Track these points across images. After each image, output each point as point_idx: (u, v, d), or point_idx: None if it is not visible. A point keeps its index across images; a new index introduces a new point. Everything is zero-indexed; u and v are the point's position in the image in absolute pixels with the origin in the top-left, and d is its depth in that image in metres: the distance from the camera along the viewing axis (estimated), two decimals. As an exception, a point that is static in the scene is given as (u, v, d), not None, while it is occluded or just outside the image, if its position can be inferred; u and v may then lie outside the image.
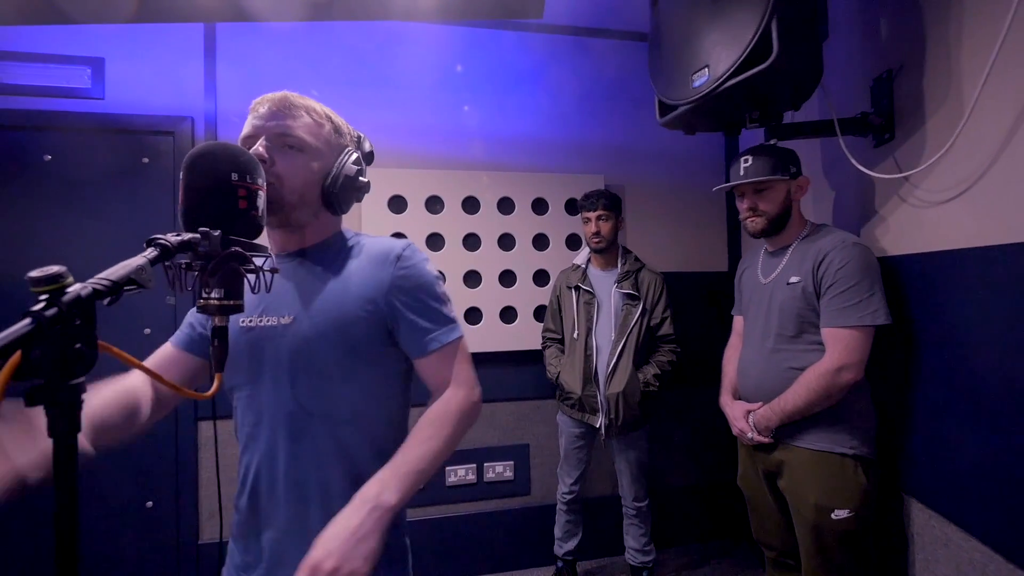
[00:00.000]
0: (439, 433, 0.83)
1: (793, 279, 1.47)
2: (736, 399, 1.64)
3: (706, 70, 1.39)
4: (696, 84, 1.43)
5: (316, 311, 0.84)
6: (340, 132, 0.91)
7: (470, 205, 2.27)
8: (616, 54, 2.41)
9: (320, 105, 0.89)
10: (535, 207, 2.32)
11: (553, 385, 2.09)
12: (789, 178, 1.47)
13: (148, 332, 2.02)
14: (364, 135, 0.98)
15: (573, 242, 2.34)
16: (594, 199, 2.00)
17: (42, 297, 0.45)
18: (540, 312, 2.29)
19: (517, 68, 2.34)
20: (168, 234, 0.60)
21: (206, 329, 0.92)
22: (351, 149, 0.91)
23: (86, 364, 0.46)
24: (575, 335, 2.01)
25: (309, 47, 2.16)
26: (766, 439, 1.49)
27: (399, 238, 0.95)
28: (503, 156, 2.32)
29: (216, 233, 0.63)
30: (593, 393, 1.96)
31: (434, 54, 2.26)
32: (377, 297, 0.85)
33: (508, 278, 2.31)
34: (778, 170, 1.46)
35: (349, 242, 0.92)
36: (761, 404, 1.51)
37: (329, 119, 0.89)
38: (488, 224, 2.28)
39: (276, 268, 0.73)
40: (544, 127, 2.36)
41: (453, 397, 0.87)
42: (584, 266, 2.09)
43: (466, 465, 2.27)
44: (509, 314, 2.30)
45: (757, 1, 1.27)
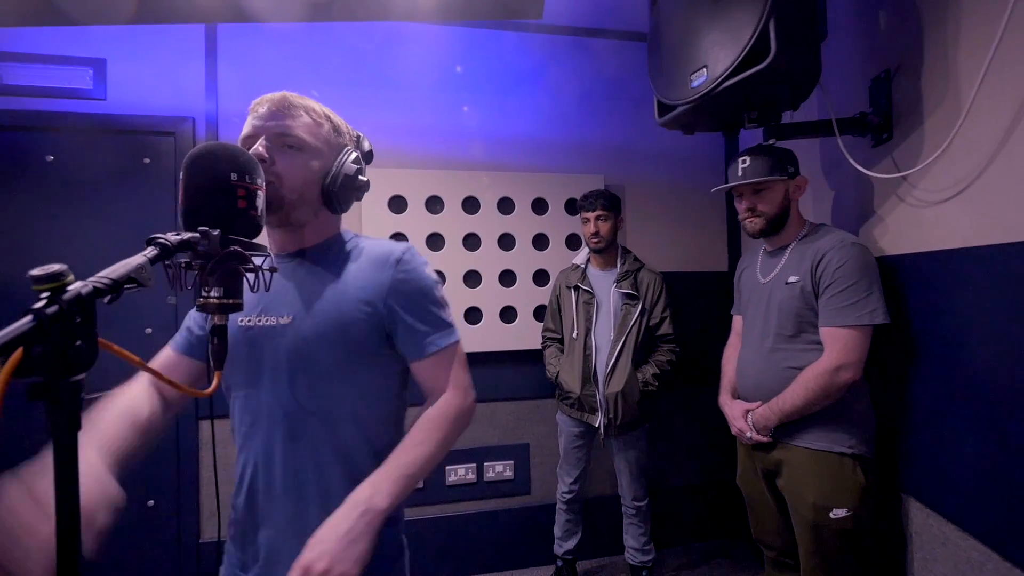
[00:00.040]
0: (431, 437, 0.84)
1: (792, 279, 1.47)
2: (735, 398, 1.65)
3: (704, 70, 1.40)
4: (695, 84, 1.43)
5: (315, 311, 0.85)
6: (339, 131, 0.91)
7: (470, 205, 2.28)
8: (616, 54, 2.41)
9: (319, 105, 0.90)
10: (535, 207, 2.32)
11: (553, 384, 2.10)
12: (787, 178, 1.47)
13: (149, 332, 2.03)
14: (363, 134, 0.98)
15: (573, 242, 2.35)
16: (593, 199, 2.01)
17: (43, 295, 0.45)
18: (540, 312, 2.29)
19: (517, 68, 2.34)
20: (168, 233, 0.60)
21: (205, 331, 0.92)
22: (350, 148, 0.92)
23: (87, 361, 0.47)
24: (574, 335, 2.02)
25: (310, 48, 2.17)
26: (765, 438, 1.49)
27: (398, 239, 0.95)
28: (503, 156, 2.32)
29: (215, 232, 0.63)
30: (592, 392, 1.96)
31: (434, 54, 2.27)
32: (376, 299, 0.86)
33: (508, 278, 2.31)
34: (776, 170, 1.46)
35: (349, 243, 0.93)
36: (760, 403, 1.51)
37: (328, 118, 0.90)
38: (488, 224, 2.28)
39: (275, 267, 0.74)
40: (544, 127, 2.36)
41: (448, 401, 0.88)
42: (583, 266, 2.10)
43: (466, 464, 2.28)
44: (509, 314, 2.31)
45: (755, 2, 1.28)
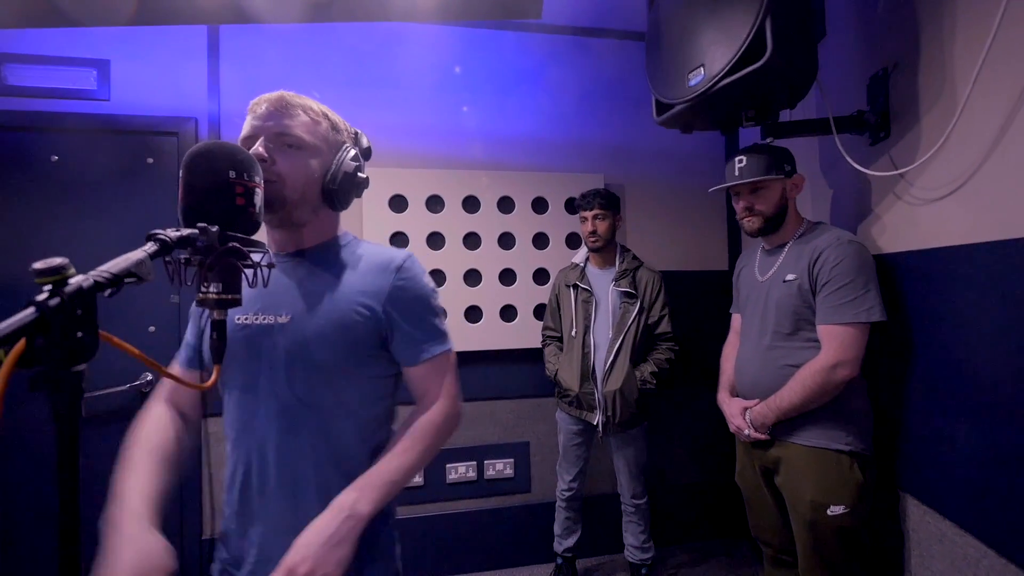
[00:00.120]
0: (418, 446, 0.88)
1: (789, 277, 1.48)
2: (733, 396, 1.65)
3: (701, 69, 1.41)
4: (692, 83, 1.44)
5: (314, 311, 0.86)
6: (337, 129, 0.93)
7: (470, 204, 2.29)
8: (615, 54, 2.42)
9: (317, 103, 0.91)
10: (535, 206, 2.33)
11: (552, 383, 2.11)
12: (784, 177, 1.48)
13: (153, 330, 2.05)
14: (361, 132, 0.99)
15: (573, 241, 2.35)
16: (590, 198, 2.02)
17: (45, 288, 0.46)
18: (540, 310, 2.30)
19: (517, 68, 2.35)
20: (168, 230, 0.62)
21: (201, 340, 0.93)
22: (349, 145, 0.93)
23: (88, 352, 0.48)
24: (573, 333, 2.03)
25: (311, 48, 2.19)
26: (763, 436, 1.50)
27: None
28: (503, 156, 2.34)
29: (214, 229, 0.65)
30: (591, 390, 1.97)
31: (434, 55, 2.28)
32: (375, 303, 0.88)
33: (508, 277, 2.32)
34: (773, 169, 1.47)
35: (349, 246, 0.95)
36: (758, 401, 1.52)
37: (326, 117, 0.91)
38: (488, 223, 2.29)
39: (273, 263, 0.75)
40: (544, 127, 2.37)
41: (436, 411, 0.91)
42: (582, 265, 2.11)
43: (467, 462, 2.29)
44: (509, 312, 2.32)
45: (752, 1, 1.28)
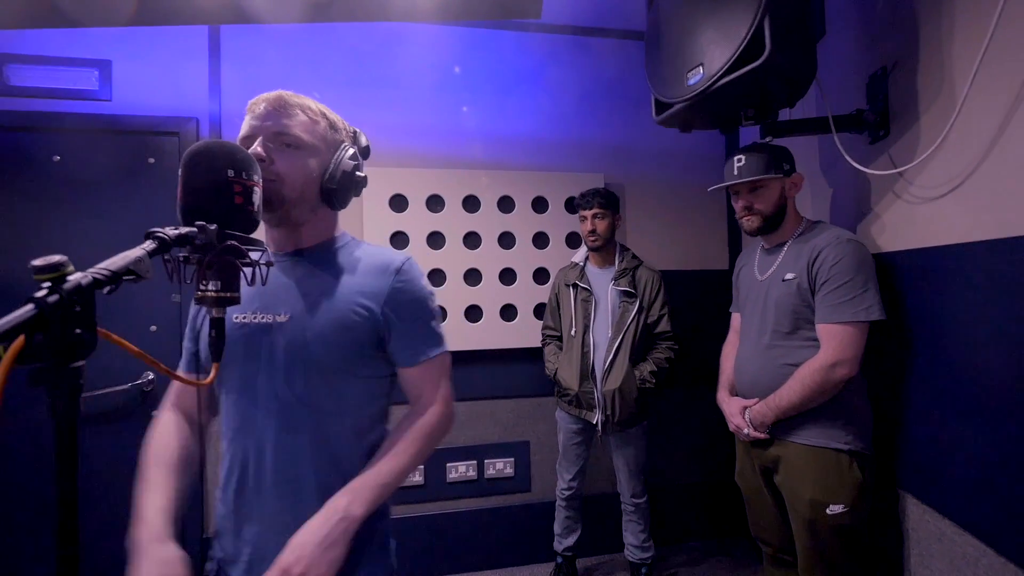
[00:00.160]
0: (410, 449, 0.89)
1: (788, 276, 1.48)
2: (733, 395, 1.65)
3: (700, 68, 1.41)
4: (691, 82, 1.44)
5: (313, 311, 0.87)
6: (336, 128, 0.93)
7: (470, 204, 2.29)
8: (615, 53, 2.42)
9: (315, 102, 0.91)
10: (535, 206, 2.33)
11: (552, 382, 2.11)
12: (783, 176, 1.48)
13: (154, 329, 2.06)
14: (360, 130, 1.00)
15: (573, 240, 2.36)
16: (590, 197, 2.02)
17: (44, 285, 0.47)
18: (540, 310, 2.30)
19: (517, 68, 2.36)
20: (167, 228, 0.62)
21: (198, 341, 0.94)
22: (347, 145, 0.93)
23: (86, 349, 0.49)
24: (572, 332, 2.03)
25: (312, 48, 2.19)
26: (762, 435, 1.50)
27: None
28: (503, 155, 2.34)
29: (212, 227, 0.65)
30: (590, 390, 1.97)
31: (435, 55, 2.29)
32: (373, 304, 0.88)
33: (508, 276, 2.33)
34: (771, 168, 1.47)
35: (348, 246, 0.95)
36: (757, 400, 1.52)
37: (324, 116, 0.91)
38: (488, 223, 2.30)
39: (271, 262, 0.75)
40: (544, 126, 2.37)
41: (431, 413, 0.93)
42: (582, 264, 2.11)
43: (467, 462, 2.29)
44: (509, 312, 2.32)
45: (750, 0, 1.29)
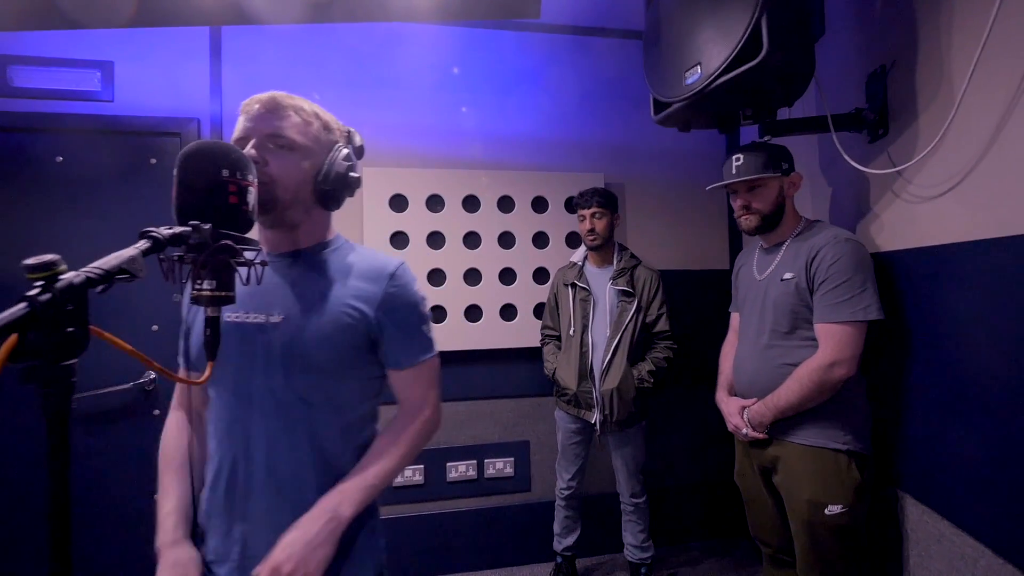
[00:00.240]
0: (398, 451, 0.92)
1: (787, 275, 1.47)
2: (732, 395, 1.65)
3: (698, 67, 1.41)
4: (689, 81, 1.44)
5: (306, 312, 0.88)
6: (329, 129, 0.93)
7: (470, 204, 2.30)
8: (615, 53, 2.42)
9: (309, 103, 0.91)
10: (535, 205, 2.34)
11: (551, 381, 2.11)
12: (781, 175, 1.48)
13: (155, 328, 2.07)
14: (354, 130, 1.00)
15: (573, 240, 2.36)
16: (588, 196, 2.02)
17: (37, 283, 0.47)
18: (540, 309, 2.30)
19: (517, 68, 2.36)
20: (161, 227, 0.63)
21: (189, 339, 0.94)
22: (341, 145, 0.93)
23: (78, 347, 0.49)
24: (571, 332, 2.03)
25: (312, 49, 2.20)
26: (760, 435, 1.50)
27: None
28: (503, 155, 2.34)
29: (206, 226, 0.65)
30: (588, 389, 1.97)
31: (434, 55, 2.29)
32: (367, 308, 0.90)
33: (508, 276, 2.33)
34: (770, 167, 1.47)
35: (342, 249, 0.96)
36: (755, 400, 1.52)
37: (317, 117, 0.91)
38: (488, 222, 2.30)
39: (266, 261, 0.76)
40: (544, 126, 2.37)
41: (418, 417, 0.96)
42: (581, 263, 2.11)
43: (467, 461, 2.30)
44: (509, 311, 2.32)
45: (748, -1, 1.28)
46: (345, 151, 0.93)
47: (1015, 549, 1.13)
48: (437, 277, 2.26)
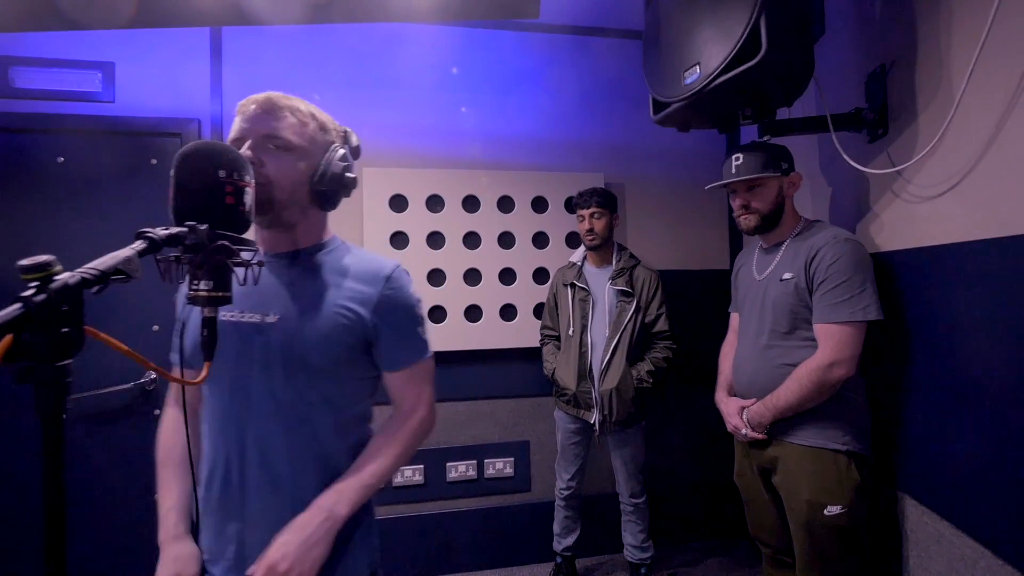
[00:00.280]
0: (394, 451, 0.92)
1: (786, 275, 1.47)
2: (731, 396, 1.65)
3: (697, 67, 1.40)
4: (688, 81, 1.44)
5: (303, 313, 0.88)
6: (325, 129, 0.93)
7: (470, 204, 2.30)
8: (615, 53, 2.42)
9: (304, 104, 0.91)
10: (535, 205, 2.34)
11: (550, 381, 2.11)
12: (781, 174, 1.47)
13: (156, 328, 2.08)
14: (351, 130, 1.00)
15: (573, 240, 2.35)
16: (587, 196, 2.02)
17: (32, 284, 0.48)
18: (540, 310, 2.30)
19: (517, 68, 2.36)
20: (157, 228, 0.63)
21: (183, 338, 0.94)
22: (337, 145, 0.94)
23: (73, 347, 0.49)
24: (570, 332, 2.03)
25: (312, 49, 2.20)
26: (759, 435, 1.50)
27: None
28: (503, 155, 2.34)
29: (203, 227, 0.65)
30: (588, 389, 1.97)
31: (435, 55, 2.29)
32: (362, 310, 0.90)
33: (508, 276, 2.33)
34: (769, 167, 1.46)
35: (339, 250, 0.96)
36: (755, 400, 1.51)
37: (313, 117, 0.92)
38: (488, 222, 2.30)
39: (263, 262, 0.76)
40: (543, 126, 2.37)
41: (414, 416, 0.97)
42: (580, 263, 2.11)
43: (467, 461, 2.30)
44: (509, 311, 2.32)
45: (746, -2, 1.28)
46: (341, 151, 0.93)
47: (1015, 550, 1.13)
48: (437, 277, 2.26)
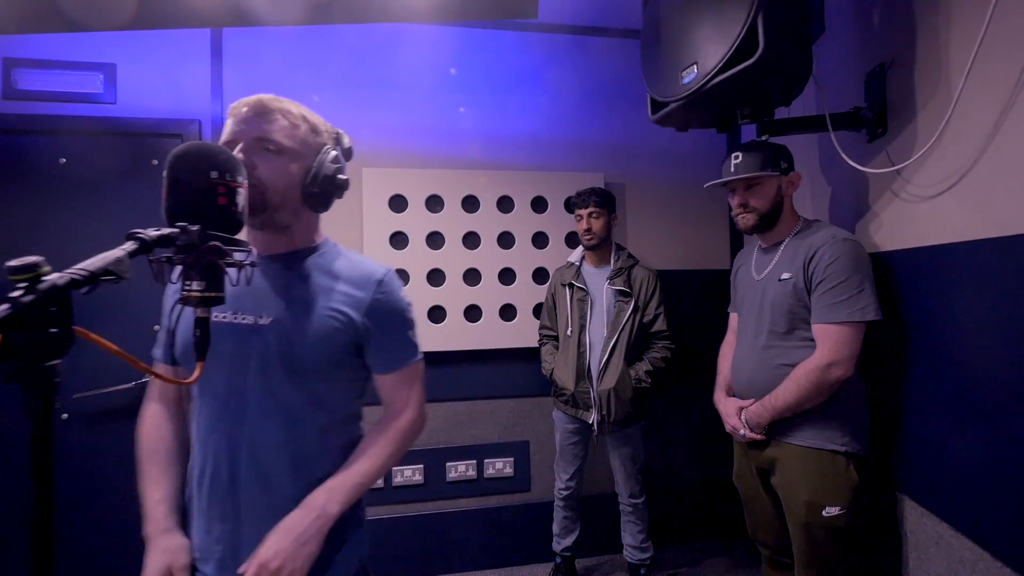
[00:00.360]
0: (385, 451, 0.94)
1: (785, 275, 1.47)
2: (730, 396, 1.64)
3: (695, 67, 1.40)
4: (685, 81, 1.44)
5: (295, 315, 0.89)
6: (317, 131, 0.93)
7: (470, 204, 2.30)
8: (614, 52, 2.41)
9: (296, 106, 0.92)
10: (534, 205, 2.34)
11: (549, 381, 2.11)
12: (780, 174, 1.47)
13: (157, 329, 2.08)
14: (343, 131, 1.00)
15: (572, 240, 2.35)
16: (585, 196, 2.02)
17: (20, 285, 0.48)
18: (539, 309, 2.30)
19: (516, 67, 2.36)
20: (149, 229, 0.63)
21: (174, 336, 0.95)
22: (329, 147, 0.94)
23: (62, 348, 0.50)
24: (569, 332, 2.03)
25: (312, 50, 2.21)
26: (758, 436, 1.49)
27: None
28: (502, 155, 2.34)
29: (194, 228, 0.66)
30: (586, 389, 1.97)
31: (434, 55, 2.29)
32: (354, 313, 0.91)
33: (508, 276, 2.33)
34: (768, 166, 1.46)
35: (330, 253, 0.97)
36: (753, 401, 1.51)
37: (304, 119, 0.92)
38: (488, 222, 2.30)
39: (255, 263, 0.76)
40: (543, 126, 2.37)
41: (404, 417, 0.98)
42: (578, 263, 2.11)
43: (466, 461, 2.30)
44: (509, 312, 2.32)
45: (744, -3, 1.28)
46: (333, 153, 0.93)
47: (1014, 552, 1.12)
48: (436, 277, 2.27)
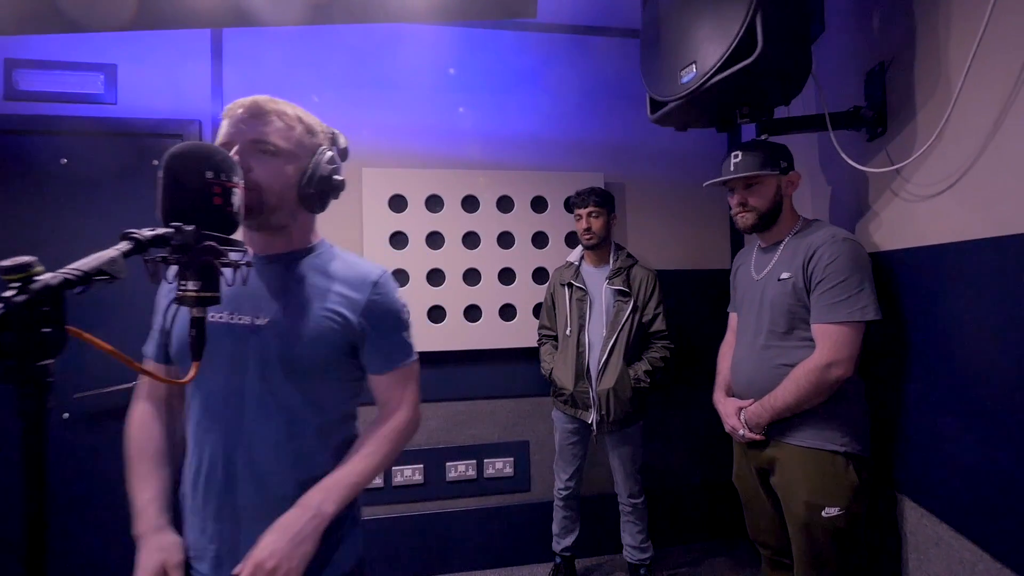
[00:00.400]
0: (381, 451, 0.94)
1: (784, 275, 1.46)
2: (729, 396, 1.64)
3: (693, 66, 1.40)
4: (684, 80, 1.43)
5: (291, 316, 0.89)
6: (313, 132, 0.94)
7: (469, 204, 2.30)
8: (614, 52, 2.41)
9: (291, 107, 0.92)
10: (534, 205, 2.33)
11: (548, 381, 2.11)
12: (779, 173, 1.46)
13: (156, 328, 2.09)
14: (339, 132, 1.00)
15: (572, 240, 2.35)
16: (585, 196, 2.01)
17: (12, 284, 0.48)
18: (539, 309, 2.30)
19: (516, 67, 2.36)
20: (143, 229, 0.63)
21: (167, 335, 0.95)
22: (325, 148, 0.94)
23: (54, 348, 0.50)
24: (568, 332, 2.02)
25: (312, 50, 2.21)
26: (757, 436, 1.49)
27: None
28: (502, 155, 2.34)
29: (189, 228, 0.66)
30: (585, 389, 1.97)
31: (434, 55, 2.30)
32: (350, 314, 0.92)
33: (507, 276, 2.33)
34: (767, 165, 1.45)
35: (326, 254, 0.97)
36: (752, 401, 1.51)
37: (300, 120, 0.92)
38: (487, 222, 2.30)
39: (250, 262, 0.76)
40: (543, 125, 2.37)
41: (399, 418, 0.98)
42: (577, 263, 2.11)
43: (466, 461, 2.30)
44: (508, 311, 2.32)
45: (743, -3, 1.27)
46: (329, 154, 0.93)
47: (1014, 553, 1.11)
48: (436, 277, 2.27)
